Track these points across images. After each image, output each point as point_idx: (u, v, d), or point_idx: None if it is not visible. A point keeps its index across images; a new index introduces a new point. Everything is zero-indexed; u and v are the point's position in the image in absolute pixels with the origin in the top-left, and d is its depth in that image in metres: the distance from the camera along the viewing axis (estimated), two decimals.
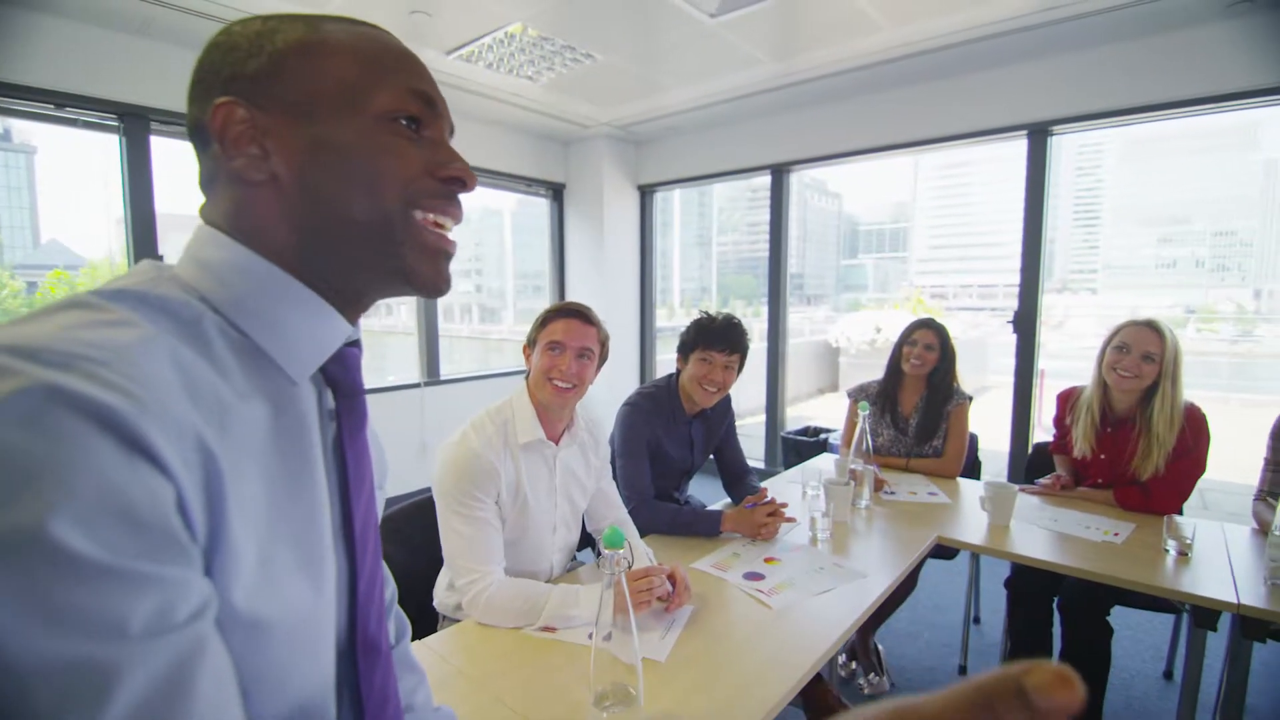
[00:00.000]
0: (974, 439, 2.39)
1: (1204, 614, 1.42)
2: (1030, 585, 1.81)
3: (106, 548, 0.30)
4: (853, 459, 1.90)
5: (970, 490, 2.05)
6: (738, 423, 2.14)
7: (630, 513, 1.63)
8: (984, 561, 2.31)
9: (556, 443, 1.42)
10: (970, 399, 2.25)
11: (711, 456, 2.07)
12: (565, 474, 1.45)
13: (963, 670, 2.18)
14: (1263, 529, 1.61)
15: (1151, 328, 1.79)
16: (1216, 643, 1.54)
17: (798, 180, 4.23)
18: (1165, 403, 1.75)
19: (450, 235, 0.50)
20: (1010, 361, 3.31)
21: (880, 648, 2.16)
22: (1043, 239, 3.17)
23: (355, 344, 0.51)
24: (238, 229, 0.45)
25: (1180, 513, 1.75)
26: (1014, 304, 3.27)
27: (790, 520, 1.68)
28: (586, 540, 1.67)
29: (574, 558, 1.59)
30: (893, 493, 2.01)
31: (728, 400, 1.98)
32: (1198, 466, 1.74)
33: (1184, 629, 1.96)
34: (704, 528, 1.66)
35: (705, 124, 4.10)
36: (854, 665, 2.13)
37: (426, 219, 0.48)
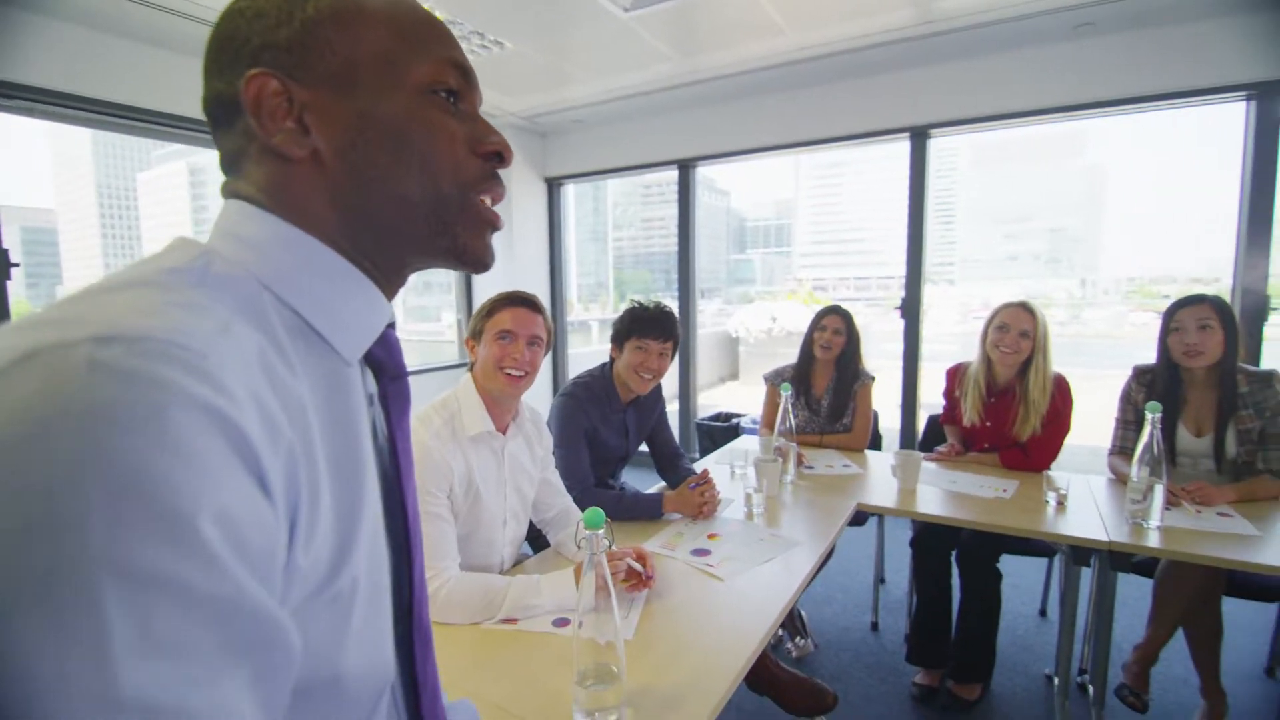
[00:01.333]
0: (875, 415, 2.60)
1: (1079, 553, 1.66)
2: (932, 542, 2.01)
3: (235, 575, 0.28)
4: (777, 437, 2.02)
5: (877, 461, 2.23)
6: None
7: (573, 501, 1.64)
8: (888, 526, 2.53)
9: (504, 434, 1.41)
10: (873, 379, 2.45)
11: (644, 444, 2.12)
12: (513, 465, 1.43)
13: (874, 627, 2.38)
14: (1120, 479, 1.89)
15: (1025, 309, 2.04)
16: (1083, 582, 1.79)
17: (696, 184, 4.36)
18: (1039, 374, 2.01)
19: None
20: (887, 346, 3.65)
21: (803, 613, 2.31)
22: (924, 233, 3.49)
23: (392, 325, 0.49)
24: (277, 205, 0.42)
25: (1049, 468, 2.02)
26: (885, 294, 3.62)
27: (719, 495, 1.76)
28: (532, 534, 1.66)
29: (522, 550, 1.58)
30: (811, 468, 2.15)
31: (659, 387, 2.04)
32: (1065, 427, 2.02)
33: (1056, 571, 2.25)
34: (646, 511, 1.71)
35: (613, 117, 4.13)
36: (780, 632, 2.27)
37: (482, 200, 0.48)
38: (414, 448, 1.23)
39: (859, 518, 2.36)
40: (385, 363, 0.48)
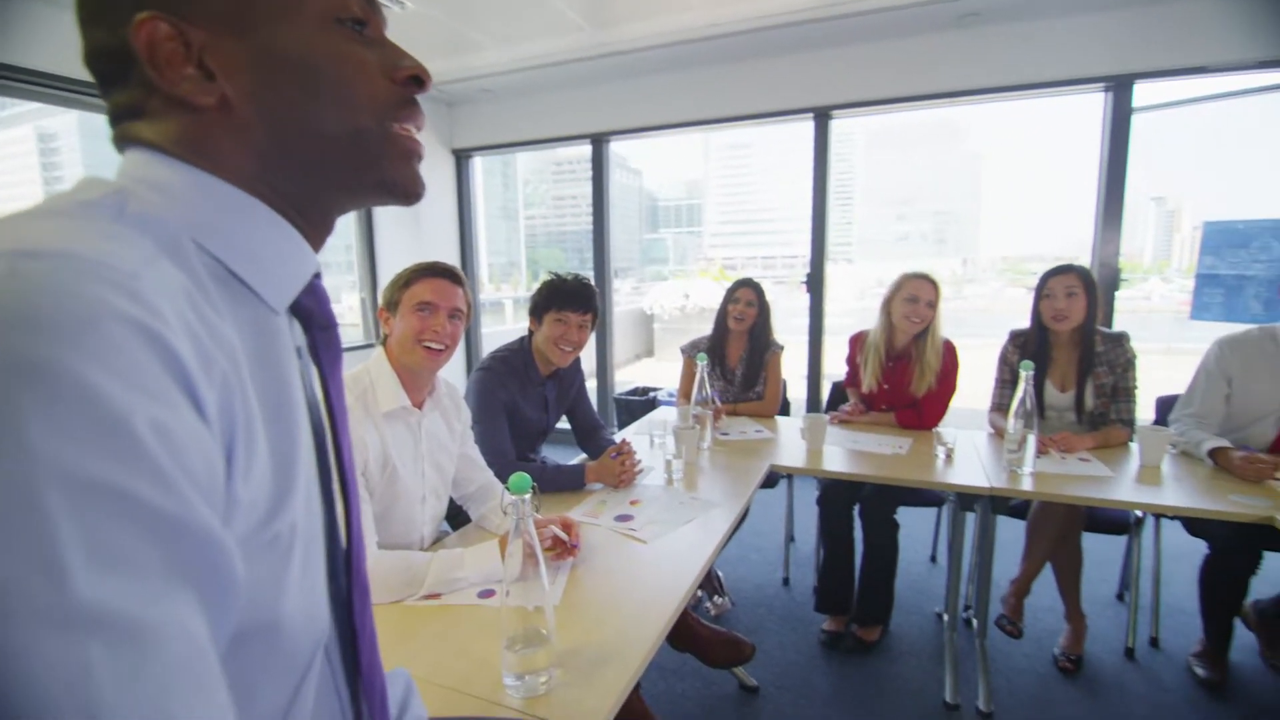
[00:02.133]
0: (784, 383, 2.72)
1: (965, 499, 1.82)
2: (836, 498, 2.15)
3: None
4: (694, 406, 2.07)
5: (787, 425, 2.35)
6: None
7: (494, 475, 1.62)
8: (796, 488, 2.67)
9: (420, 409, 1.36)
10: (783, 348, 2.56)
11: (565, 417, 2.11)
12: (431, 441, 1.39)
13: (786, 582, 2.53)
14: (999, 432, 2.09)
15: (930, 280, 2.20)
16: (968, 528, 1.98)
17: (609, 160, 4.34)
18: (934, 339, 2.18)
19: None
20: (794, 321, 3.84)
21: (720, 573, 2.41)
22: (827, 211, 3.65)
23: (318, 276, 0.46)
24: (191, 155, 0.39)
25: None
26: (790, 272, 3.80)
27: (640, 462, 1.79)
28: (453, 511, 1.63)
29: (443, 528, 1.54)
30: (726, 434, 2.23)
31: (578, 360, 2.03)
32: (953, 386, 2.20)
33: (945, 520, 2.46)
34: (569, 482, 1.71)
35: (524, 88, 4.02)
36: (699, 593, 2.35)
37: (403, 129, 0.45)
38: None
39: (770, 480, 2.47)
40: (314, 312, 0.46)
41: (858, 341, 2.39)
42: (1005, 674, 1.95)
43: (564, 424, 2.13)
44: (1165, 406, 2.23)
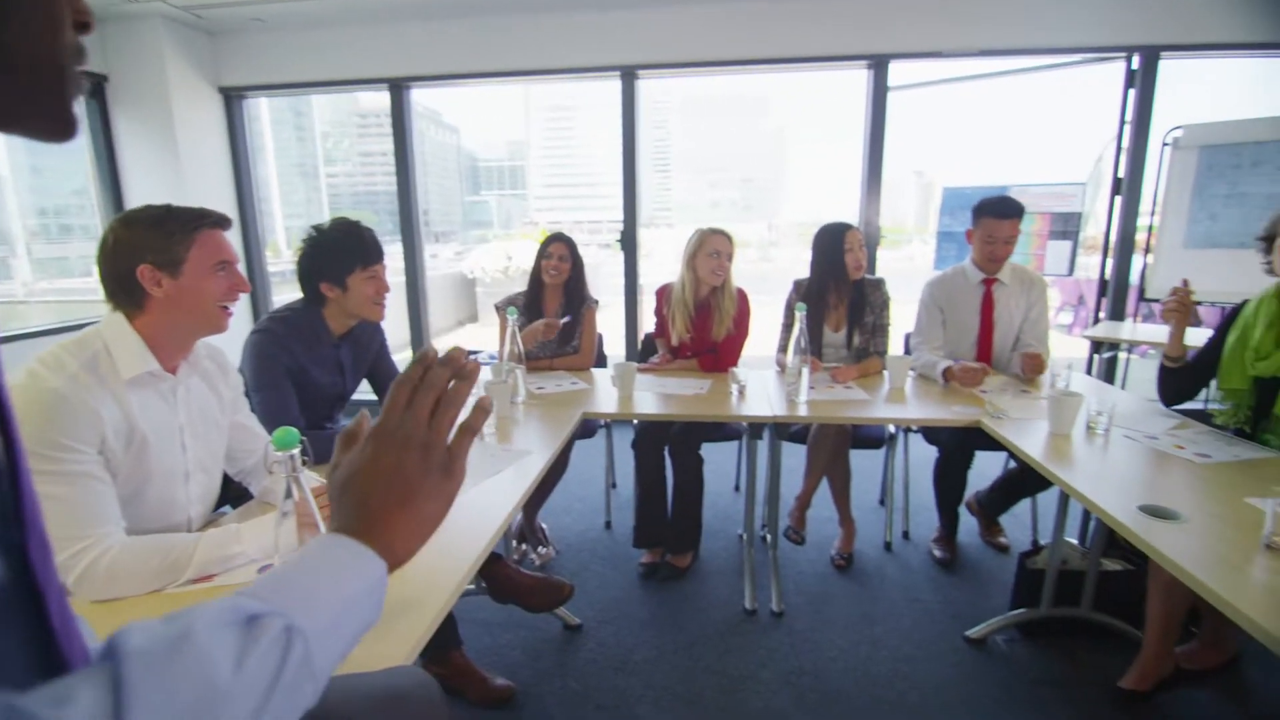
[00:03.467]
0: (600, 337, 2.80)
1: (756, 429, 2.03)
2: (648, 440, 2.28)
3: None
4: (506, 361, 2.06)
5: (602, 376, 2.42)
6: None
7: None
8: (615, 438, 2.79)
9: (174, 374, 1.19)
10: (597, 302, 2.62)
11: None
12: (193, 410, 1.23)
13: (608, 525, 2.64)
14: (782, 369, 2.34)
15: (726, 235, 2.36)
16: (761, 457, 2.21)
17: (411, 110, 4.05)
18: (729, 288, 2.37)
19: None
20: (618, 281, 3.95)
21: (543, 525, 2.45)
22: (637, 169, 3.75)
23: None
24: None
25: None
26: (615, 237, 3.86)
27: None
28: (232, 493, 1.46)
29: (218, 509, 1.38)
30: (542, 387, 2.25)
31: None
32: (746, 330, 2.42)
33: (744, 450, 2.72)
34: None
35: (307, 22, 3.57)
36: (523, 546, 2.38)
37: None
38: (40, 396, 0.99)
39: (589, 430, 2.55)
40: None
41: (664, 294, 2.52)
42: (793, 577, 2.24)
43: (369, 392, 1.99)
44: (908, 341, 2.66)
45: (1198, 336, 2.10)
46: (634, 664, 1.82)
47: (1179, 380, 1.78)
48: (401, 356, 2.11)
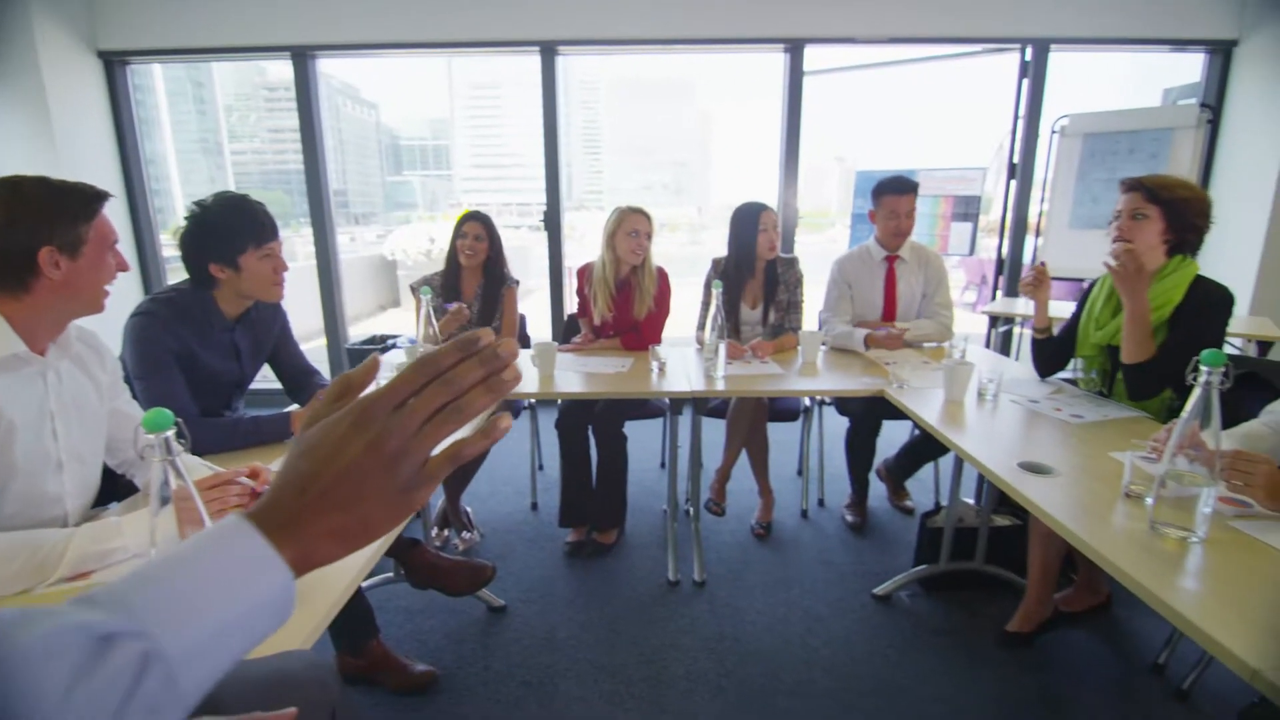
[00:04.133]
0: (523, 318, 2.76)
1: (677, 404, 2.06)
2: (572, 419, 2.28)
3: None
4: (422, 344, 2.00)
5: (524, 357, 2.39)
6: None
7: None
8: (540, 420, 2.77)
9: (43, 356, 1.09)
10: (518, 283, 2.57)
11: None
12: (65, 395, 1.13)
13: (534, 506, 2.63)
14: (702, 347, 2.39)
15: (645, 215, 2.37)
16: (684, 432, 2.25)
17: (326, 84, 3.83)
18: (649, 266, 2.38)
19: None
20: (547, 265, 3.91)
21: (468, 509, 2.42)
22: (559, 146, 3.69)
23: None
24: None
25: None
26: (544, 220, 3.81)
27: None
28: (120, 488, 1.36)
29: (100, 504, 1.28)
30: None
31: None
32: (667, 308, 2.45)
33: (667, 427, 2.76)
34: (272, 433, 1.54)
35: None
36: (445, 532, 2.34)
37: None
38: None
39: (513, 412, 2.52)
40: None
41: (584, 274, 2.51)
42: (715, 548, 2.30)
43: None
44: (820, 317, 2.76)
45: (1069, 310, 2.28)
46: (558, 640, 1.83)
47: (1047, 351, 1.94)
48: (315, 345, 2.02)
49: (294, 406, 1.84)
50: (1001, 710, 1.59)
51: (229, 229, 1.54)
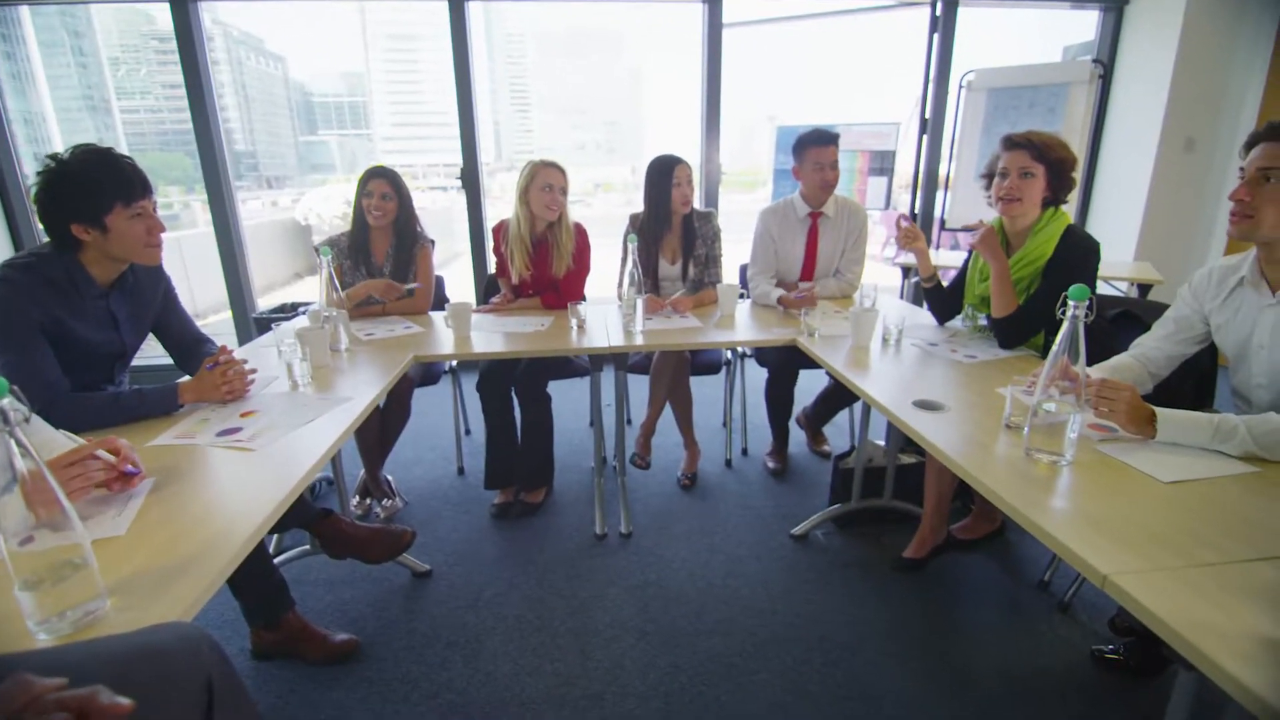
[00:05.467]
0: (441, 280, 2.67)
1: (597, 360, 2.06)
2: (494, 380, 2.24)
3: None
4: (325, 307, 1.91)
5: (439, 319, 2.33)
6: (200, 323, 1.85)
7: (41, 414, 1.27)
8: (463, 383, 2.72)
9: None
10: (433, 242, 2.47)
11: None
12: None
13: (460, 471, 2.60)
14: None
15: (559, 169, 2.29)
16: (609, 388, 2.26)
17: (224, 34, 3.50)
18: (566, 223, 2.33)
19: None
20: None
21: (390, 478, 2.36)
22: (482, 102, 3.54)
23: None
24: None
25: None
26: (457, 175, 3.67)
27: (252, 371, 1.59)
28: None
29: None
30: (372, 334, 2.11)
31: (159, 266, 1.67)
32: (587, 265, 2.42)
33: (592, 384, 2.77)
34: (156, 406, 1.44)
35: None
36: (367, 501, 2.28)
37: None
38: None
39: (433, 377, 2.46)
40: None
41: (500, 231, 2.44)
42: (642, 500, 2.34)
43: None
44: (745, 272, 2.79)
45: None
46: (484, 600, 1.84)
47: (938, 298, 2.04)
48: (220, 318, 1.90)
49: (185, 378, 1.74)
50: (904, 628, 1.71)
51: (91, 185, 1.40)
